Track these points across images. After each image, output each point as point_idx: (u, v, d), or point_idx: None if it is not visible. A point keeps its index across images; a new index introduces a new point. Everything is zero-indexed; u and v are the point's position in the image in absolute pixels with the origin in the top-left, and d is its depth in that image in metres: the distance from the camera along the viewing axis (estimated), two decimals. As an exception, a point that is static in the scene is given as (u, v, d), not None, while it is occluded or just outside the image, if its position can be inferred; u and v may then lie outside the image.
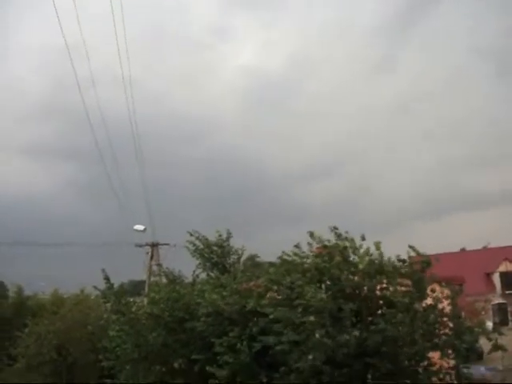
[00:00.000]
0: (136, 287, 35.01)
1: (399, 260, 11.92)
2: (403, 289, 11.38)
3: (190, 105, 77.66)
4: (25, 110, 76.81)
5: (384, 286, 11.48)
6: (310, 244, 12.43)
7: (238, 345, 12.24)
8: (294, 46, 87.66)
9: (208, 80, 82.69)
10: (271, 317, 11.58)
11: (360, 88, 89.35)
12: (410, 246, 11.86)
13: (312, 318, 10.88)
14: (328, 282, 11.69)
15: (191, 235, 17.24)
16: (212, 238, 17.41)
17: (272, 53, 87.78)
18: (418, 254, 11.83)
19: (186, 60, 77.69)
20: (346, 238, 12.08)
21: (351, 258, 11.91)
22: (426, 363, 11.42)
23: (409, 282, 11.52)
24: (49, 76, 67.07)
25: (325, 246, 12.08)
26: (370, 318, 11.29)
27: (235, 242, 17.69)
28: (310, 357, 10.79)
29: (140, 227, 32.39)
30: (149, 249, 33.38)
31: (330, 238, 12.19)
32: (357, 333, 10.60)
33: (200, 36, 79.24)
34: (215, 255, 17.17)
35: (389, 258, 11.79)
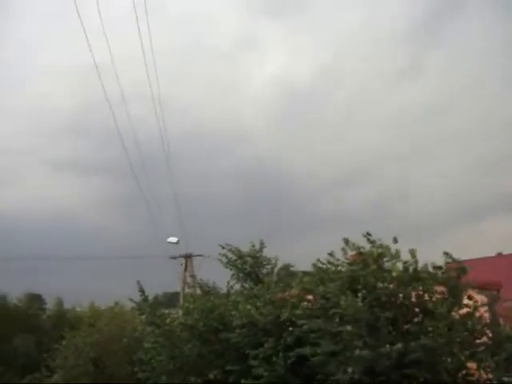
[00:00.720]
0: (171, 299, 35.20)
1: (434, 267, 11.70)
2: (438, 296, 11.18)
3: (219, 117, 77.80)
4: (56, 127, 78.16)
5: (420, 293, 11.29)
6: (344, 251, 12.27)
7: (274, 357, 12.16)
8: (321, 54, 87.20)
9: (237, 92, 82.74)
10: (305, 327, 11.47)
11: (389, 93, 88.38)
12: (445, 253, 11.64)
13: (349, 328, 10.75)
14: (363, 291, 11.51)
15: (223, 248, 17.20)
16: (245, 248, 17.34)
17: (300, 62, 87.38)
18: (454, 260, 11.62)
19: (213, 72, 77.89)
20: (381, 245, 11.93)
21: (385, 266, 11.74)
22: (464, 373, 11.12)
23: (444, 289, 11.30)
24: (79, 95, 68.11)
25: (360, 253, 11.93)
26: (406, 327, 11.10)
27: (269, 252, 17.57)
28: (350, 369, 10.60)
29: (173, 239, 32.67)
30: (183, 260, 33.62)
31: (364, 244, 12.02)
32: (400, 345, 10.36)
33: (227, 47, 79.40)
34: (248, 266, 17.08)
35: (425, 265, 11.59)
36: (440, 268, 11.68)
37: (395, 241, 11.82)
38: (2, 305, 36.36)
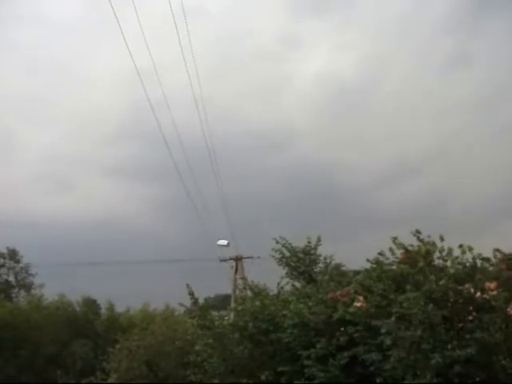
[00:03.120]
0: (222, 301, 35.26)
1: (483, 258, 11.27)
2: (492, 292, 10.74)
3: (263, 116, 77.65)
4: (105, 134, 79.80)
5: (472, 289, 10.87)
6: (392, 250, 11.95)
7: (329, 358, 11.91)
8: (365, 47, 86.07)
9: (281, 89, 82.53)
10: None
11: (436, 84, 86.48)
12: (496, 249, 11.25)
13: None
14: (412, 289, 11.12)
15: (277, 242, 16.98)
16: (299, 243, 17.08)
17: (345, 56, 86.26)
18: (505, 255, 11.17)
19: (257, 71, 77.93)
20: (429, 242, 11.54)
21: (436, 263, 11.35)
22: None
23: (495, 284, 10.85)
24: (124, 100, 69.33)
25: (407, 251, 11.59)
26: (460, 325, 10.67)
27: (321, 250, 17.29)
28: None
29: (223, 242, 32.73)
30: (233, 263, 33.63)
31: (414, 242, 11.70)
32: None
33: (270, 45, 79.30)
34: (302, 264, 16.82)
35: (473, 259, 11.17)
36: (488, 260, 11.25)
37: (442, 239, 11.49)
38: (64, 311, 37.33)
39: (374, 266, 12.18)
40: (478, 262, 11.28)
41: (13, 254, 49.17)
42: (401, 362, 10.64)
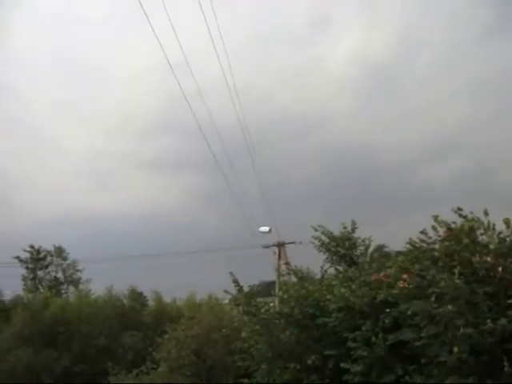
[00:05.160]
0: (267, 288, 35.54)
1: None
2: None
3: (298, 101, 77.40)
4: (142, 127, 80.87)
5: None
6: (434, 229, 11.87)
7: (373, 338, 11.96)
8: (397, 24, 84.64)
9: (313, 73, 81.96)
10: (409, 312, 11.15)
11: (473, 56, 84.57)
12: None
13: (450, 308, 10.37)
14: (459, 267, 11.05)
15: (316, 230, 17.06)
16: (336, 230, 17.13)
17: (374, 35, 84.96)
18: None
19: (288, 56, 77.58)
20: (473, 219, 11.40)
21: (480, 239, 11.24)
22: None
23: None
24: (159, 93, 70.06)
25: (449, 229, 11.49)
26: (508, 301, 10.56)
27: (361, 233, 17.28)
28: (456, 349, 10.21)
29: (265, 228, 32.93)
30: (276, 249, 33.80)
31: (456, 220, 11.58)
32: (504, 320, 9.89)
33: (299, 30, 78.79)
34: (342, 248, 16.86)
35: None
36: None
37: (486, 213, 11.27)
38: (113, 305, 38.25)
39: (417, 245, 12.13)
40: None
41: (59, 252, 50.50)
42: (436, 338, 10.62)
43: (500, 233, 11.05)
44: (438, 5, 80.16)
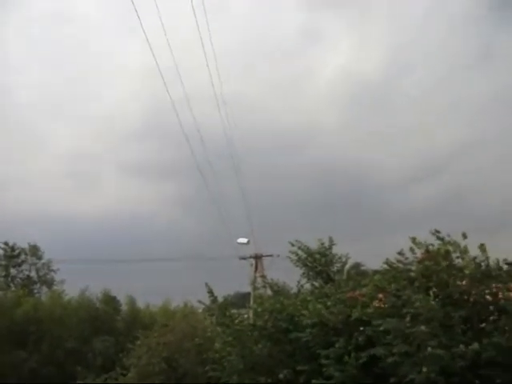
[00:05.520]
0: (242, 299, 35.43)
1: (507, 263, 11.21)
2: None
3: (286, 114, 77.48)
4: (126, 131, 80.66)
5: (494, 291, 10.82)
6: (412, 250, 11.96)
7: (345, 357, 11.95)
8: (388, 41, 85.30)
9: (302, 86, 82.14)
10: (381, 329, 11.19)
11: (461, 79, 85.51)
12: None
13: (423, 328, 10.42)
14: (435, 289, 11.14)
15: (293, 245, 17.10)
16: (315, 246, 17.16)
17: (366, 51, 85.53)
18: None
19: (277, 68, 77.76)
20: (449, 242, 11.52)
21: (456, 262, 11.34)
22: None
23: None
24: (145, 98, 69.96)
25: (427, 251, 11.59)
26: (481, 325, 10.65)
27: (340, 250, 17.32)
28: (425, 369, 10.27)
29: (243, 240, 32.92)
30: (253, 261, 33.77)
31: (434, 242, 11.68)
32: (476, 345, 9.97)
33: (289, 41, 79.04)
34: (318, 264, 16.89)
35: (497, 261, 11.12)
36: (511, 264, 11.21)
37: (464, 236, 11.41)
38: (86, 307, 37.84)
39: (394, 265, 12.21)
40: (502, 264, 11.22)
41: (34, 250, 49.89)
42: (408, 357, 10.64)
43: (475, 258, 11.15)
44: (432, 24, 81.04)
